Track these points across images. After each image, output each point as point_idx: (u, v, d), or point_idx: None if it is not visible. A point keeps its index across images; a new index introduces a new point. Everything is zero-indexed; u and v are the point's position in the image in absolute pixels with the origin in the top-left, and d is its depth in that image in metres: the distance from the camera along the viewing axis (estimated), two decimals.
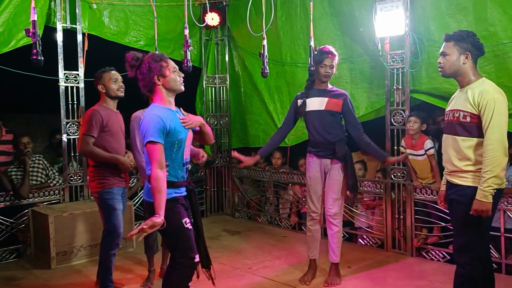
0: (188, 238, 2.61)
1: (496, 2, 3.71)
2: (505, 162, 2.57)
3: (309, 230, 3.83)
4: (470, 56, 2.71)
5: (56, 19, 4.79)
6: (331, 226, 3.71)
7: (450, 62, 2.74)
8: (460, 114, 2.70)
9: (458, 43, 2.72)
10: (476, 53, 2.74)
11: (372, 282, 3.76)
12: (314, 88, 3.74)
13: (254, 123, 5.90)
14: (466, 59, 2.71)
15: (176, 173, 2.65)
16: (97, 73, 3.55)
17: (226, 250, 4.71)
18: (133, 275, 4.04)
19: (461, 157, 2.70)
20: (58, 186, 4.86)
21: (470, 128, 2.66)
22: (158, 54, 2.66)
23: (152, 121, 2.50)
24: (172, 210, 2.58)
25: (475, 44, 2.72)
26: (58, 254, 4.27)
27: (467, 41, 2.71)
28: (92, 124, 3.38)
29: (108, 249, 3.41)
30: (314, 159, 3.74)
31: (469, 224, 2.67)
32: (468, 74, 2.73)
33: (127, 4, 5.33)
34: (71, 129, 4.87)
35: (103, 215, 3.47)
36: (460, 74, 2.75)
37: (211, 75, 6.19)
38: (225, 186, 6.26)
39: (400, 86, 4.31)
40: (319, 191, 3.75)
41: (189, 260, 2.61)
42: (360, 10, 4.54)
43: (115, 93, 3.51)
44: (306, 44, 4.97)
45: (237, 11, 5.86)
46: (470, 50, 2.71)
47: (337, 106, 3.66)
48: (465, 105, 2.67)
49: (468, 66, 2.72)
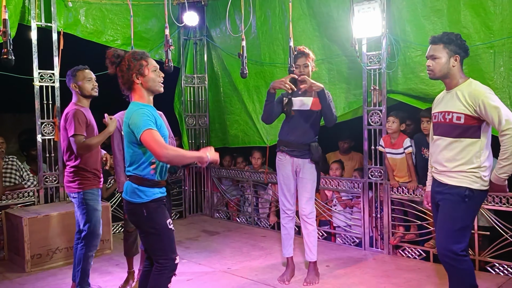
0: (171, 239, 2.60)
1: (469, 5, 3.80)
2: None
3: (284, 228, 3.84)
4: (458, 57, 2.74)
5: (30, 17, 4.70)
6: (306, 225, 3.73)
7: (440, 65, 2.76)
8: (453, 115, 2.72)
9: (447, 45, 2.74)
10: (463, 55, 2.78)
11: (350, 280, 3.81)
12: (298, 88, 3.71)
13: (234, 123, 5.90)
14: (455, 62, 2.74)
15: (161, 173, 2.63)
16: (69, 71, 3.47)
17: (204, 250, 4.69)
18: (111, 277, 3.99)
19: (452, 158, 2.73)
20: (33, 188, 4.76)
21: (463, 129, 2.69)
22: (140, 52, 2.63)
23: (145, 113, 2.49)
24: (157, 210, 2.57)
25: (463, 47, 2.76)
26: (32, 257, 4.18)
27: (455, 43, 2.74)
28: (79, 123, 3.30)
29: (86, 251, 3.36)
30: (286, 157, 3.73)
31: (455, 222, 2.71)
32: (456, 76, 2.77)
33: (104, 2, 5.26)
34: (46, 129, 4.78)
35: (83, 216, 3.39)
36: (449, 76, 2.78)
37: (190, 74, 6.16)
38: (204, 186, 6.24)
39: (377, 86, 4.37)
40: (292, 189, 3.77)
41: (170, 261, 2.59)
42: (338, 11, 4.58)
43: (89, 93, 3.45)
44: (285, 44, 5.00)
45: (216, 11, 5.85)
46: (459, 52, 2.74)
47: (319, 105, 3.67)
48: (458, 106, 2.70)
49: (456, 69, 2.75)
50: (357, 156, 5.19)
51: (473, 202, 2.73)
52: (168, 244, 2.60)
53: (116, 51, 2.63)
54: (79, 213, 3.42)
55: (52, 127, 4.79)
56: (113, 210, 5.10)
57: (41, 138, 4.75)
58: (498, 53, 3.70)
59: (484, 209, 3.87)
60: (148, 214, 2.56)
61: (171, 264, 2.59)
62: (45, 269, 4.22)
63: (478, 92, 2.66)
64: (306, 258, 3.81)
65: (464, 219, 2.72)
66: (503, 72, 3.70)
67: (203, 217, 6.17)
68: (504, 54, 3.68)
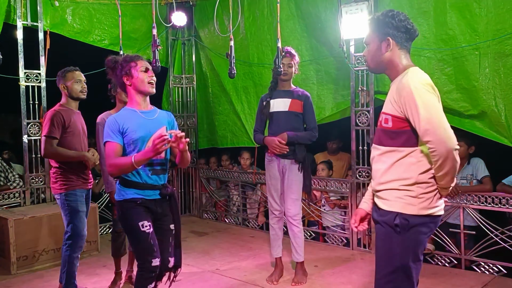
0: (144, 241, 2.57)
1: (454, 7, 3.84)
2: (456, 162, 1.94)
3: (272, 229, 3.85)
4: (393, 42, 2.08)
5: (16, 16, 4.65)
6: (292, 226, 3.74)
7: (371, 54, 2.17)
8: (383, 117, 2.10)
9: (376, 28, 2.12)
10: (402, 36, 2.09)
11: (338, 279, 3.83)
12: (278, 89, 3.77)
13: (222, 123, 5.89)
14: (388, 47, 2.09)
15: (139, 174, 2.60)
16: (60, 71, 3.47)
17: (193, 251, 4.68)
18: (98, 279, 3.95)
19: (384, 173, 2.07)
20: (19, 189, 4.70)
21: (393, 135, 2.04)
22: (132, 55, 2.71)
23: (107, 123, 2.60)
24: (127, 211, 2.59)
25: (398, 26, 2.07)
26: (18, 259, 4.13)
27: (384, 23, 2.08)
28: (54, 125, 3.30)
29: (71, 252, 3.33)
30: (273, 158, 3.74)
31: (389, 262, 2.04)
32: (395, 65, 2.11)
33: (91, 2, 5.23)
34: (32, 130, 4.73)
35: (65, 217, 3.38)
36: (386, 67, 2.14)
37: (178, 75, 6.14)
38: (193, 187, 6.22)
39: (365, 87, 4.40)
40: (280, 189, 3.77)
41: (146, 263, 2.58)
42: (326, 13, 4.61)
43: (77, 95, 3.43)
44: (273, 45, 5.01)
45: (204, 11, 5.84)
46: (391, 34, 2.08)
47: (299, 107, 3.70)
48: (387, 105, 2.09)
49: (392, 56, 2.10)
50: (345, 156, 5.22)
51: (410, 233, 1.99)
52: (141, 246, 2.58)
53: (114, 58, 2.70)
54: (62, 214, 3.40)
55: (38, 128, 4.74)
56: (100, 211, 5.06)
57: (27, 138, 4.70)
58: (483, 55, 3.75)
59: (469, 209, 3.92)
60: (121, 213, 2.63)
61: (147, 266, 2.57)
62: (32, 271, 4.17)
63: (405, 84, 1.99)
64: (293, 258, 3.82)
65: (401, 258, 2.01)
66: (488, 74, 3.75)
67: (191, 218, 6.15)
68: (489, 56, 3.73)
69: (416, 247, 2.02)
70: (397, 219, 2.00)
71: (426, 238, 2.06)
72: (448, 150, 1.90)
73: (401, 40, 2.09)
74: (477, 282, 3.65)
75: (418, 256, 2.03)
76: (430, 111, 1.92)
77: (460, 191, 3.92)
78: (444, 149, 1.90)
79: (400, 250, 2.01)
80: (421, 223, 2.00)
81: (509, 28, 3.59)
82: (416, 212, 1.99)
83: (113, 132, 2.56)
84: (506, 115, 3.71)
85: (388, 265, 2.04)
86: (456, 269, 3.98)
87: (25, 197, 4.73)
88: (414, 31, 2.11)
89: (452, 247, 4.02)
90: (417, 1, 4.03)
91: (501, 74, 3.70)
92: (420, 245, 2.03)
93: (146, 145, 2.58)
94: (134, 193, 2.60)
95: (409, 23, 2.09)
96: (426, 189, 1.99)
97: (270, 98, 3.75)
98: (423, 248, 2.06)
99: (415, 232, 2.00)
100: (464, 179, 4.06)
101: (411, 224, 1.99)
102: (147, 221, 2.59)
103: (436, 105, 1.95)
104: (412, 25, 2.10)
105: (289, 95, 3.72)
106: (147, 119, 2.63)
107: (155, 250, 2.59)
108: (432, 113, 1.92)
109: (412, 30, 2.10)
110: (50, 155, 3.38)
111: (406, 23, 2.08)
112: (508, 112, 3.70)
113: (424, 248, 2.07)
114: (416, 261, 2.03)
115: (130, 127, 2.57)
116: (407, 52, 2.13)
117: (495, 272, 3.80)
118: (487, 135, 3.90)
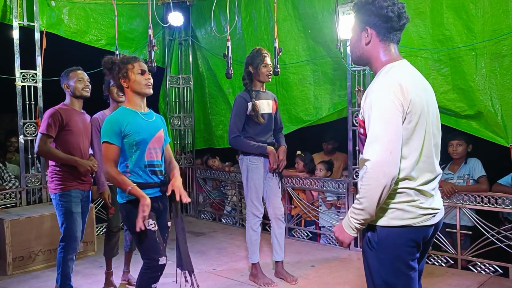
0: (150, 240, 2.58)
1: (451, 8, 3.85)
2: (378, 195, 1.67)
3: (255, 234, 3.71)
4: (373, 31, 1.82)
5: (12, 16, 4.63)
6: (280, 224, 3.74)
7: (351, 45, 1.92)
8: (359, 123, 1.91)
9: (356, 16, 1.87)
10: (385, 26, 1.79)
11: (335, 280, 3.83)
12: (257, 90, 3.67)
13: (219, 123, 5.89)
14: (367, 38, 1.83)
15: (139, 174, 2.63)
16: (63, 72, 3.48)
17: (190, 251, 4.61)
18: (95, 279, 3.94)
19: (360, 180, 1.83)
20: (15, 189, 4.69)
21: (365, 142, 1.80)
22: (129, 56, 2.71)
23: (109, 121, 2.59)
24: (131, 211, 2.58)
25: (378, 13, 1.78)
26: (14, 260, 4.11)
27: (364, 11, 1.82)
28: (50, 123, 3.29)
29: (64, 254, 3.31)
30: (261, 159, 3.66)
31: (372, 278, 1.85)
32: (374, 60, 1.85)
33: (87, 2, 5.22)
34: (28, 130, 4.71)
35: (59, 217, 3.35)
36: (367, 60, 1.88)
37: (175, 75, 6.13)
38: (189, 187, 6.22)
39: (362, 87, 4.41)
40: (261, 192, 3.72)
41: (153, 261, 2.59)
42: (323, 13, 4.61)
43: (80, 92, 3.43)
44: (270, 45, 5.00)
45: (201, 11, 5.84)
46: (372, 23, 1.81)
47: (275, 108, 3.78)
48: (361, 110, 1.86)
49: (373, 48, 1.83)
50: (342, 156, 5.22)
51: (384, 247, 1.78)
52: (149, 245, 2.59)
53: (111, 58, 2.71)
54: (57, 215, 3.39)
55: (35, 128, 4.72)
56: (97, 212, 5.04)
57: (23, 139, 4.68)
58: (480, 55, 3.76)
59: (466, 209, 3.93)
60: (125, 215, 2.64)
61: (154, 265, 2.59)
62: (28, 271, 4.15)
63: (372, 89, 1.77)
64: (277, 258, 3.79)
65: (381, 275, 1.80)
66: (484, 74, 3.76)
67: (188, 218, 6.14)
68: (485, 56, 3.74)
69: (396, 262, 1.77)
70: (368, 232, 1.82)
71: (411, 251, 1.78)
72: (386, 177, 1.64)
73: (383, 30, 1.80)
74: (473, 282, 3.66)
75: (401, 271, 1.78)
76: (383, 127, 1.67)
77: (456, 191, 3.93)
78: (381, 174, 1.64)
79: (377, 266, 1.81)
80: (396, 235, 1.76)
81: (505, 28, 3.60)
82: (385, 223, 1.77)
83: (113, 133, 2.56)
84: (503, 115, 3.72)
85: (370, 283, 1.87)
86: (452, 269, 3.99)
87: (21, 197, 4.72)
88: (398, 20, 1.79)
89: (448, 247, 4.03)
90: (413, 1, 4.04)
91: (498, 74, 3.71)
92: (400, 259, 1.77)
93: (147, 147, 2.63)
94: None
95: (392, 10, 1.77)
96: (398, 199, 1.76)
97: (254, 99, 3.62)
98: (409, 261, 1.79)
99: (389, 246, 1.77)
100: (461, 178, 4.08)
101: (381, 237, 1.78)
102: (152, 219, 2.60)
103: (392, 123, 1.67)
104: (396, 12, 1.77)
105: (269, 97, 3.73)
106: (147, 121, 2.68)
107: (161, 249, 2.62)
108: (383, 131, 1.67)
109: (395, 19, 1.78)
110: (43, 153, 3.37)
111: (387, 10, 1.76)
112: (505, 113, 3.72)
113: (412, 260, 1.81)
114: (401, 276, 1.78)
115: (132, 128, 2.59)
116: (391, 44, 1.84)
117: (491, 272, 3.81)
118: (483, 135, 3.91)
